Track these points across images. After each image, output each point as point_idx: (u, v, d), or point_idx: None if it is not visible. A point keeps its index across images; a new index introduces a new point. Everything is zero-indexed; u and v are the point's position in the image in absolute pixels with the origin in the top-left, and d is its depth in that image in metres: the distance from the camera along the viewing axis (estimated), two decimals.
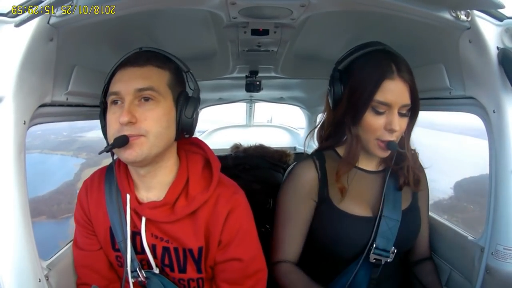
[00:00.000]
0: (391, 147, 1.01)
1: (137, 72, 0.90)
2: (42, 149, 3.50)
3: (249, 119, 3.68)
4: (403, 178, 1.10)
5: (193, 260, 0.97)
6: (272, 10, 0.98)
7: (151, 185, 0.97)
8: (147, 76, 0.90)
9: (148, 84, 0.89)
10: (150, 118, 0.88)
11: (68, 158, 3.97)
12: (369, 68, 1.01)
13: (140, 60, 0.92)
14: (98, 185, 1.03)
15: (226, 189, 0.99)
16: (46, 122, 0.97)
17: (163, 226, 0.95)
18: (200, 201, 0.94)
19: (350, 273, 1.07)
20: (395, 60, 1.00)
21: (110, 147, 0.86)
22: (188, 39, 1.34)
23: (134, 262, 0.97)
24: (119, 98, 0.89)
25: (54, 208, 3.75)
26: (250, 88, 1.99)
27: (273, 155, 2.27)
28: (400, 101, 0.99)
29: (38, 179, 3.52)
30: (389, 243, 1.05)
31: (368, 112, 1.00)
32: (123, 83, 0.89)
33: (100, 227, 1.01)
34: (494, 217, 0.98)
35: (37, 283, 0.82)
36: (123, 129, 0.86)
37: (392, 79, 0.98)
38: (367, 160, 1.12)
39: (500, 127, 0.94)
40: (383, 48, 1.03)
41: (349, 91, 1.04)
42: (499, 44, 0.91)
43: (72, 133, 4.17)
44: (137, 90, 0.88)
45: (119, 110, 0.88)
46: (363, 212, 1.08)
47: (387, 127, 0.99)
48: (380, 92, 0.98)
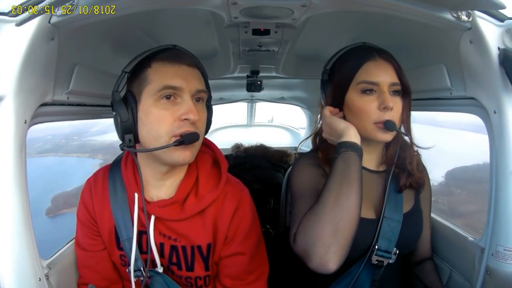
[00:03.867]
0: (389, 126, 0.98)
1: (193, 72, 0.92)
2: (56, 152, 3.53)
3: (250, 119, 3.68)
4: (405, 180, 1.08)
5: (201, 258, 0.98)
6: (273, 10, 0.98)
7: (166, 183, 0.98)
8: (200, 78, 0.93)
9: (204, 87, 0.92)
10: (203, 120, 0.92)
11: (84, 159, 4.01)
12: (351, 57, 1.05)
13: (188, 60, 0.92)
14: (102, 184, 1.03)
15: (233, 187, 1.02)
16: (47, 122, 0.97)
17: (172, 224, 0.96)
18: (209, 199, 0.96)
19: (352, 274, 1.07)
20: (376, 49, 1.03)
21: (178, 143, 0.85)
22: (189, 39, 1.34)
23: (138, 261, 0.97)
24: (176, 93, 0.88)
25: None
26: (251, 88, 1.99)
27: (274, 155, 2.28)
28: (388, 79, 0.99)
29: (61, 177, 3.58)
30: (391, 244, 1.04)
31: (357, 95, 1.00)
32: (183, 80, 0.88)
33: (104, 226, 1.01)
34: (494, 218, 0.97)
35: (37, 282, 0.82)
36: (185, 126, 0.86)
37: (374, 60, 1.00)
38: (368, 158, 1.09)
39: (501, 128, 0.94)
40: (363, 43, 1.08)
41: (333, 83, 1.06)
42: (500, 45, 0.91)
43: (82, 137, 4.23)
44: (197, 90, 0.90)
45: (173, 106, 0.87)
46: (366, 214, 1.06)
47: (381, 106, 0.98)
48: (363, 72, 1.00)
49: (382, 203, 1.07)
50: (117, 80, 0.94)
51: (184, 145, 0.86)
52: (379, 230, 1.04)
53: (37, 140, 2.87)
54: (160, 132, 0.87)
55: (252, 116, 3.66)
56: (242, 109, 3.60)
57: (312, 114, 3.27)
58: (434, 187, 1.24)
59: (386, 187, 1.09)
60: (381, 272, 1.07)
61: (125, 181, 0.98)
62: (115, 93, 0.92)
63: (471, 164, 2.14)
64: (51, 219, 3.28)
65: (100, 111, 1.26)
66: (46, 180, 2.75)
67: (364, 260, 1.05)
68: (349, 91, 1.02)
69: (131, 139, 0.91)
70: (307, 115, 3.37)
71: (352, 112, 1.02)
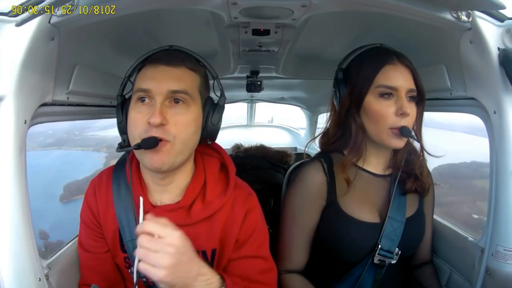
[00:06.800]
0: (404, 132, 0.98)
1: (171, 72, 0.88)
2: (59, 146, 3.57)
3: (250, 119, 3.68)
4: (411, 184, 1.09)
5: (205, 262, 0.96)
6: (273, 10, 0.98)
7: (167, 189, 0.95)
8: (181, 78, 0.88)
9: (183, 87, 0.87)
10: (181, 123, 0.86)
11: (90, 152, 4.06)
12: (369, 59, 1.04)
13: (174, 60, 0.89)
14: (106, 185, 1.01)
15: (242, 191, 0.99)
16: (47, 122, 0.97)
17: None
18: (217, 205, 0.93)
19: (355, 275, 1.07)
20: (395, 52, 1.03)
21: (136, 147, 0.84)
22: (189, 39, 1.34)
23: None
24: (148, 96, 0.86)
25: None
26: (251, 88, 1.99)
27: (274, 156, 2.27)
28: (406, 85, 0.99)
29: (70, 167, 3.65)
30: (393, 245, 1.05)
31: (374, 98, 1.00)
32: (156, 82, 0.86)
33: (109, 228, 0.99)
34: (494, 218, 0.97)
35: (37, 283, 0.82)
36: (151, 130, 0.83)
37: (393, 64, 1.00)
38: (376, 162, 1.11)
39: (501, 128, 0.94)
40: (381, 45, 1.07)
41: (351, 84, 1.04)
42: (500, 45, 0.91)
43: (83, 132, 4.26)
44: (170, 91, 0.85)
45: (146, 109, 0.86)
46: (370, 217, 1.06)
47: (398, 112, 0.98)
48: (382, 76, 0.99)
49: (387, 207, 1.07)
50: (120, 85, 0.96)
51: (150, 149, 0.84)
52: (382, 230, 1.04)
53: (39, 135, 2.91)
54: (134, 135, 0.87)
55: (252, 116, 3.65)
56: (242, 109, 3.60)
57: (312, 114, 3.27)
58: None
59: (391, 190, 1.09)
60: (383, 272, 1.07)
61: (130, 183, 0.96)
62: (117, 96, 0.95)
63: (458, 162, 2.22)
64: (65, 204, 3.38)
65: (100, 111, 1.25)
66: (56, 169, 2.79)
67: (368, 262, 1.05)
68: (367, 94, 1.02)
69: (125, 139, 0.92)
70: (307, 115, 3.37)
71: (368, 116, 1.02)
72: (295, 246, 1.11)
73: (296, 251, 1.11)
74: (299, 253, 1.11)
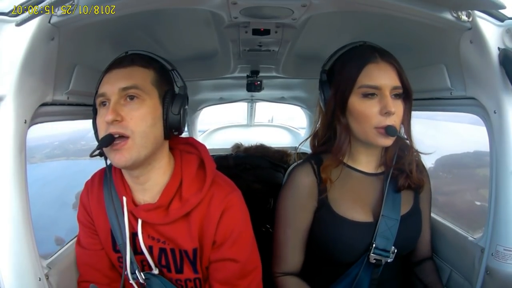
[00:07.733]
0: (390, 131, 0.97)
1: (121, 73, 0.91)
2: (67, 156, 3.59)
3: (250, 118, 3.67)
4: (404, 181, 1.08)
5: (189, 261, 0.97)
6: (273, 10, 0.98)
7: (146, 187, 0.97)
8: (131, 76, 0.91)
9: (132, 83, 0.89)
10: (136, 117, 0.88)
11: (97, 161, 4.13)
12: (352, 59, 1.02)
13: (124, 62, 0.93)
14: (98, 186, 1.03)
15: (221, 189, 0.97)
16: (47, 121, 0.97)
17: (159, 227, 0.96)
18: (193, 203, 0.94)
19: (351, 275, 1.07)
20: (378, 50, 1.02)
21: (97, 148, 0.87)
22: (189, 39, 1.34)
23: (133, 264, 0.97)
24: (105, 99, 0.90)
25: None
26: (251, 87, 1.99)
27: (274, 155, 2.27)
28: (389, 83, 0.98)
29: (80, 176, 3.68)
30: (388, 243, 1.04)
31: (358, 98, 0.99)
32: (109, 84, 0.90)
33: (101, 229, 1.01)
34: (494, 218, 0.97)
35: (37, 282, 0.82)
36: (109, 128, 0.87)
37: (375, 62, 0.99)
38: (366, 161, 1.11)
39: (501, 128, 0.94)
40: (364, 43, 1.05)
41: (335, 85, 1.04)
42: (500, 45, 0.91)
43: (90, 142, 4.27)
44: (121, 89, 0.89)
45: (106, 111, 0.89)
46: (363, 217, 1.06)
47: (383, 111, 0.97)
48: (365, 75, 0.98)
49: (380, 205, 1.07)
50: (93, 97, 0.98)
51: (113, 149, 0.87)
52: (377, 229, 1.04)
53: (45, 147, 2.94)
54: (100, 137, 0.90)
55: (252, 116, 3.65)
56: (242, 109, 3.60)
57: (312, 114, 3.26)
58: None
59: (384, 188, 1.09)
60: (380, 271, 1.07)
61: (115, 185, 0.99)
62: (92, 109, 0.98)
63: (460, 152, 2.25)
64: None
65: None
66: (66, 179, 2.82)
67: (364, 261, 1.05)
68: (350, 95, 1.01)
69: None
70: (307, 115, 3.37)
71: (353, 116, 1.02)
72: (289, 248, 1.10)
73: (290, 252, 1.11)
74: (293, 254, 1.11)
